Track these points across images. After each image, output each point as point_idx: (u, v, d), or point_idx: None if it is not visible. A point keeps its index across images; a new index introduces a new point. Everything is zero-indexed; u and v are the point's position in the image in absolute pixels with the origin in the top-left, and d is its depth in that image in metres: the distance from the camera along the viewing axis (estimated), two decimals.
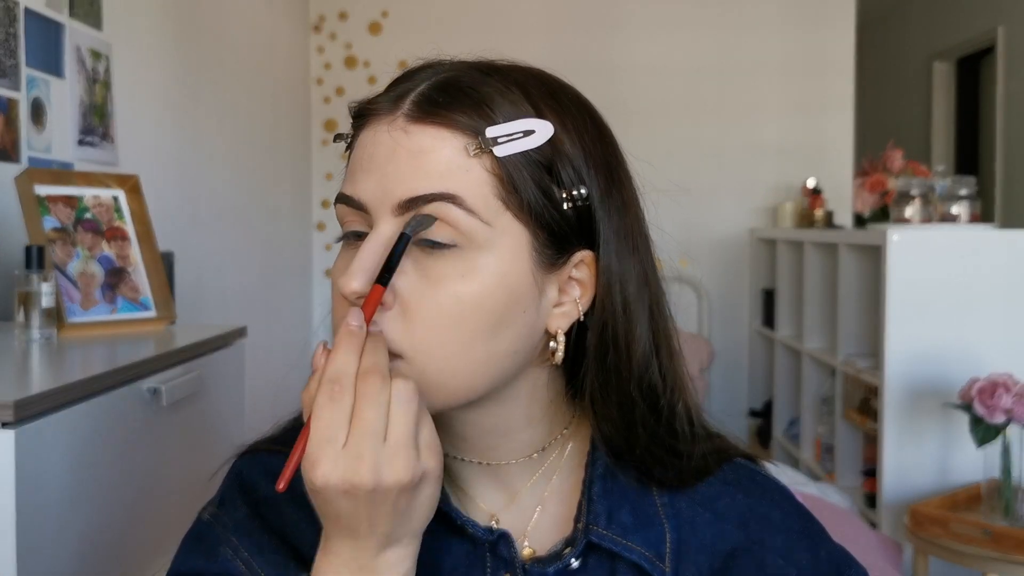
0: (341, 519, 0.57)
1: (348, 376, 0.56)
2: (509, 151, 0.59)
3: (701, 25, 3.95)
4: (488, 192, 0.59)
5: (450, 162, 0.59)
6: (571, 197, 0.61)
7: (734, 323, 4.05)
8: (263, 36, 3.44)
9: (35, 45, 1.89)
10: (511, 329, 0.61)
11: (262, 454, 0.71)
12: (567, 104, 0.64)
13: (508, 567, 0.66)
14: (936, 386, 2.37)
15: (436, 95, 0.60)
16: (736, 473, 0.71)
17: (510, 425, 0.66)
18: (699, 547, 0.66)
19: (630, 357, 0.64)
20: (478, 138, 0.59)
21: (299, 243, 3.91)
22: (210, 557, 0.67)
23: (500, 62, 0.65)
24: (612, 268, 0.63)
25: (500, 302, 0.60)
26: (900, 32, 5.76)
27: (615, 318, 0.64)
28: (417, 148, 0.59)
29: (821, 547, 0.69)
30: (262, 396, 2.56)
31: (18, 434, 0.97)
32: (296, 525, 0.67)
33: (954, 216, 2.65)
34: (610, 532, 0.65)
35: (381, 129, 0.61)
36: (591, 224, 0.63)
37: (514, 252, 0.60)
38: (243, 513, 0.69)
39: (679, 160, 3.86)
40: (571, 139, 0.62)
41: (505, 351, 0.61)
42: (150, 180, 1.91)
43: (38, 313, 1.40)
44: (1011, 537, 2.02)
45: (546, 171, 0.61)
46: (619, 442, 0.66)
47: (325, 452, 0.54)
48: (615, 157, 0.66)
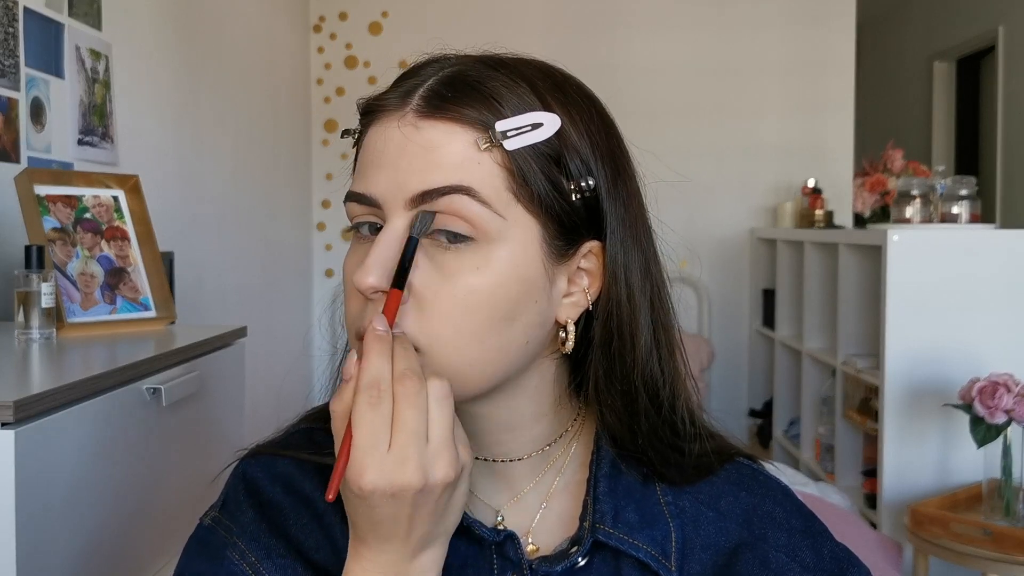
0: (382, 525, 0.57)
1: (385, 381, 0.56)
2: (518, 144, 0.60)
3: (701, 25, 3.95)
4: (500, 185, 0.60)
5: (462, 155, 0.59)
6: (579, 188, 0.62)
7: (734, 323, 4.05)
8: (263, 36, 3.44)
9: (35, 45, 1.89)
10: (524, 319, 0.62)
11: (266, 457, 0.71)
12: (573, 96, 0.64)
13: (515, 568, 0.66)
14: (936, 386, 2.37)
15: (444, 90, 0.61)
16: (739, 472, 0.71)
17: (518, 420, 0.67)
18: (703, 545, 0.67)
19: (634, 346, 0.65)
20: (488, 132, 0.60)
21: (299, 243, 3.91)
22: (215, 561, 0.67)
23: (506, 55, 0.65)
24: (618, 258, 0.64)
25: (513, 293, 0.61)
26: (900, 32, 5.76)
27: (620, 307, 0.64)
28: (428, 143, 0.60)
29: (824, 545, 0.69)
30: (262, 396, 2.56)
31: (18, 434, 0.97)
32: (303, 529, 0.67)
33: (954, 216, 2.65)
34: (616, 531, 0.66)
35: (391, 125, 0.61)
36: (599, 215, 0.64)
37: (526, 244, 0.61)
38: (249, 517, 0.68)
39: (679, 160, 3.86)
40: (578, 131, 0.63)
41: (518, 341, 0.62)
42: (150, 180, 1.91)
43: (38, 313, 1.40)
44: (1011, 537, 2.02)
45: (555, 163, 0.61)
46: (623, 433, 0.67)
47: (371, 457, 0.55)
48: (620, 148, 0.66)
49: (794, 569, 0.67)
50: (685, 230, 3.78)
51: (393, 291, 0.58)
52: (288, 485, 0.69)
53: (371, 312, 0.60)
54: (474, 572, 0.66)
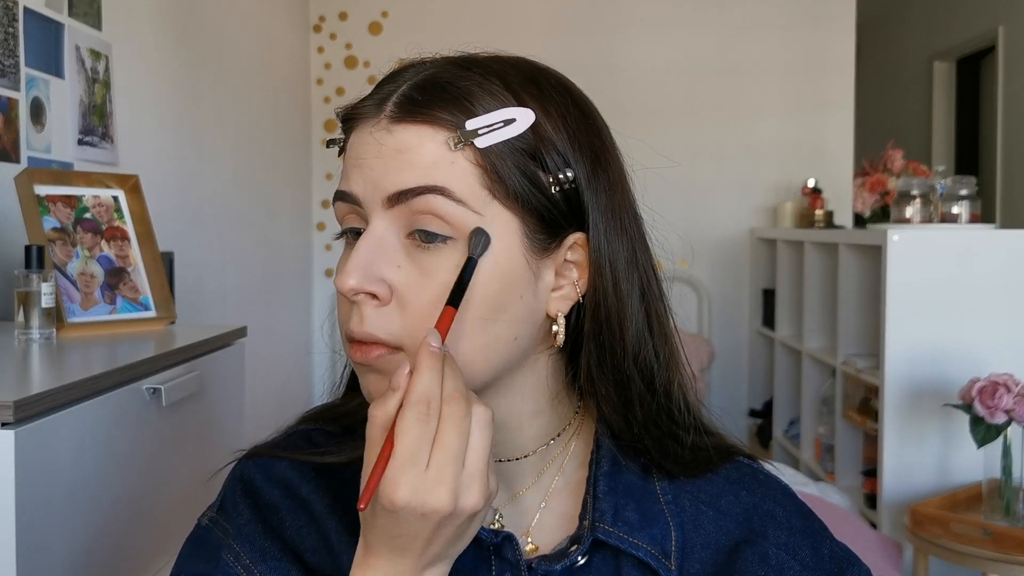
0: (400, 539, 0.57)
1: (435, 399, 0.56)
2: (490, 142, 0.60)
3: (701, 25, 3.95)
4: (475, 182, 0.60)
5: (435, 156, 0.60)
6: (558, 181, 0.62)
7: (734, 323, 4.05)
8: (263, 36, 3.44)
9: (35, 45, 1.89)
10: (508, 315, 0.62)
11: (264, 459, 0.71)
12: (548, 90, 0.64)
13: (513, 569, 0.66)
14: (936, 386, 2.37)
15: (416, 94, 0.61)
16: (739, 471, 0.71)
17: (515, 418, 0.67)
18: (703, 544, 0.67)
19: (623, 335, 0.65)
20: (457, 131, 0.60)
21: (299, 243, 3.91)
22: (210, 561, 0.67)
23: (481, 55, 0.66)
24: (602, 248, 0.64)
25: (494, 289, 0.61)
26: (900, 32, 5.76)
27: (607, 297, 0.64)
28: (402, 145, 0.60)
29: (824, 545, 0.69)
30: (262, 396, 2.57)
31: (18, 434, 0.97)
32: (299, 531, 0.67)
33: (954, 216, 2.65)
34: (616, 529, 0.66)
35: (366, 131, 0.62)
36: (580, 206, 0.64)
37: (505, 239, 0.61)
38: (246, 518, 0.68)
39: (679, 160, 3.85)
40: (554, 123, 0.63)
41: (506, 337, 0.62)
42: (150, 180, 1.91)
43: (38, 313, 1.40)
44: (1011, 537, 2.02)
45: (530, 157, 0.61)
46: (619, 423, 0.67)
47: (407, 474, 0.55)
48: (600, 138, 0.66)
49: (794, 567, 0.67)
50: (685, 230, 3.77)
51: (447, 308, 0.59)
52: (286, 487, 0.69)
53: (356, 315, 0.60)
54: (472, 574, 0.66)
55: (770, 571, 0.66)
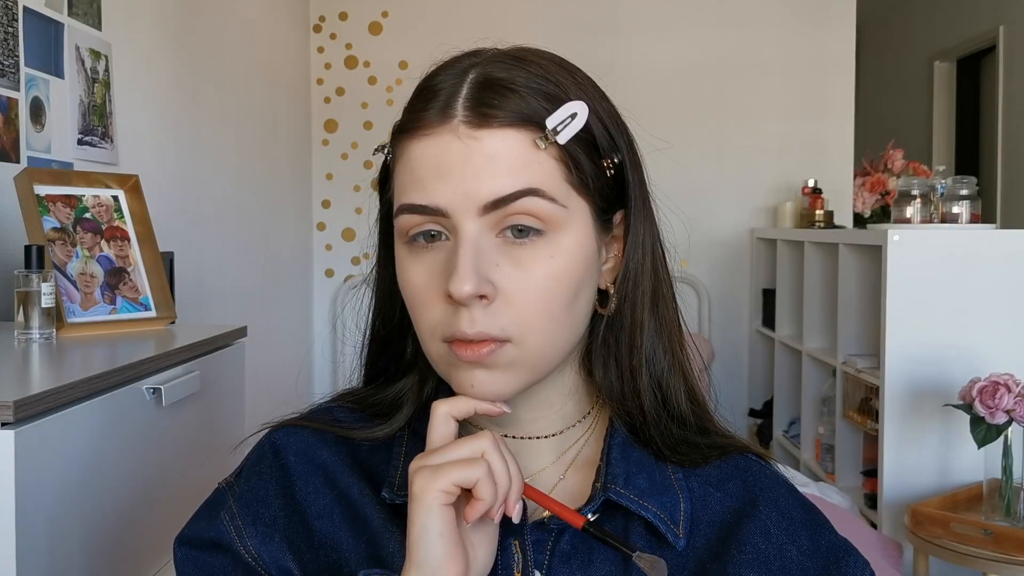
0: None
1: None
2: (568, 136, 0.64)
3: (701, 25, 3.94)
4: (559, 178, 0.64)
5: (524, 158, 0.63)
6: (613, 165, 0.67)
7: (734, 323, 4.05)
8: (263, 36, 3.44)
9: (34, 44, 1.89)
10: (586, 293, 0.67)
11: (297, 428, 0.74)
12: (583, 80, 0.68)
13: (516, 535, 0.68)
14: (936, 386, 2.37)
15: (483, 95, 0.63)
16: (747, 463, 0.73)
17: (556, 396, 0.71)
18: (709, 522, 0.69)
19: (634, 309, 0.70)
20: (542, 131, 0.63)
21: (299, 243, 3.91)
22: (211, 520, 0.71)
23: (512, 49, 0.68)
24: (637, 223, 0.70)
25: (579, 271, 0.66)
26: (900, 32, 5.76)
27: (635, 270, 0.70)
28: (489, 150, 0.62)
29: (823, 536, 0.70)
30: (262, 396, 2.56)
31: (18, 434, 0.97)
32: (310, 494, 0.70)
33: (955, 216, 2.65)
34: (628, 491, 0.68)
35: (444, 138, 0.63)
36: (623, 185, 0.69)
37: (584, 226, 0.66)
38: (253, 483, 0.71)
39: (679, 160, 3.85)
40: (596, 110, 0.67)
41: (581, 314, 0.68)
42: (150, 180, 1.91)
43: (38, 313, 1.40)
44: (1011, 537, 2.02)
45: (593, 146, 0.66)
46: (626, 401, 0.70)
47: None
48: (623, 120, 0.71)
49: (791, 551, 0.68)
50: (685, 230, 3.77)
51: (577, 516, 0.65)
52: (303, 452, 0.72)
53: (467, 317, 0.62)
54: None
55: (770, 546, 0.68)
